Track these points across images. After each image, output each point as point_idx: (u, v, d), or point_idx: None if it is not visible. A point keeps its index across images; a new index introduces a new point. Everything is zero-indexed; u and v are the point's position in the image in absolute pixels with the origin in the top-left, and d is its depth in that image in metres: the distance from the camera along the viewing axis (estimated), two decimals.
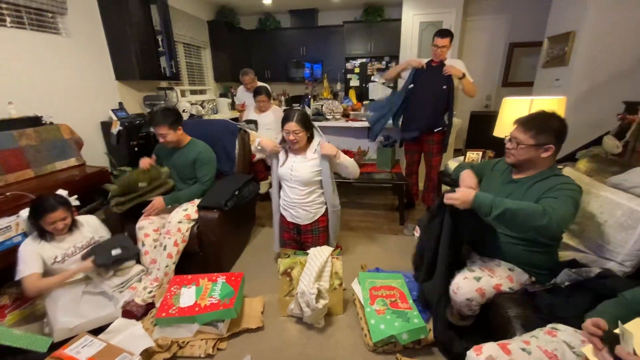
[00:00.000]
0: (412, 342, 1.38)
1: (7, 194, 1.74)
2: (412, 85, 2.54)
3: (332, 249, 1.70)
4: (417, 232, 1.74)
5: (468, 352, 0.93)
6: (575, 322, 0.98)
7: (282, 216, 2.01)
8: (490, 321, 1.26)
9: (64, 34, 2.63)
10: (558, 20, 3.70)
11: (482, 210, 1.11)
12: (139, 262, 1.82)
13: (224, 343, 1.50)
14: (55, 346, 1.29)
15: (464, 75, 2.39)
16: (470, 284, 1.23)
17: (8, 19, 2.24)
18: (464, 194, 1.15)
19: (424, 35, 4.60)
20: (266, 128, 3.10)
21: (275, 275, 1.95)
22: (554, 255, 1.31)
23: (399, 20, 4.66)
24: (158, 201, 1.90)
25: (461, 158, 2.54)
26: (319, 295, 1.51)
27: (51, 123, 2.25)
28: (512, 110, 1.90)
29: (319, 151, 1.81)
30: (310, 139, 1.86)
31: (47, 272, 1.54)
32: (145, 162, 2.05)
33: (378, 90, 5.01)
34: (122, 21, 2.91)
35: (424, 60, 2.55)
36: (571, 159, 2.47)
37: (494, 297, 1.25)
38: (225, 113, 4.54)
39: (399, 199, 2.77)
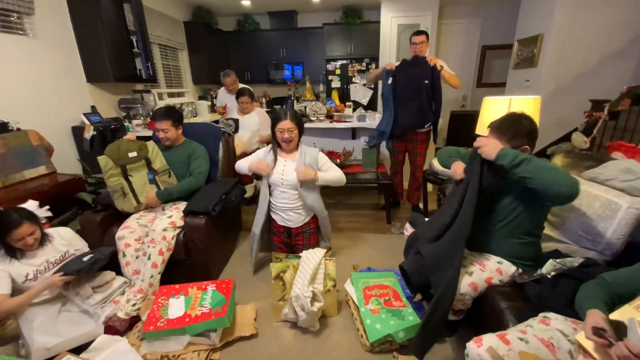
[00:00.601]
0: (407, 339, 1.39)
1: None
2: (390, 81, 2.56)
3: (324, 250, 1.69)
4: (406, 231, 1.77)
5: (468, 344, 0.95)
6: (564, 310, 1.03)
7: (272, 220, 1.98)
8: (482, 313, 1.30)
9: (31, 34, 2.46)
10: (527, 24, 3.91)
11: (508, 157, 1.11)
12: (119, 274, 1.73)
13: (217, 353, 1.45)
14: None
15: (442, 68, 2.45)
16: (464, 279, 1.26)
17: None
18: (492, 140, 1.19)
19: (402, 37, 4.71)
20: (249, 129, 3.04)
21: (265, 280, 1.92)
22: (538, 246, 1.37)
23: (378, 22, 4.75)
24: (152, 196, 1.85)
25: None
26: (314, 298, 1.49)
27: (18, 129, 2.11)
28: (493, 109, 1.97)
29: (304, 159, 1.80)
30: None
31: (18, 291, 1.43)
32: (131, 135, 2.01)
33: (359, 91, 5.09)
34: (93, 21, 2.77)
35: (396, 63, 2.61)
36: (542, 155, 2.61)
37: (485, 290, 1.29)
38: (204, 116, 4.42)
39: (386, 199, 2.81)
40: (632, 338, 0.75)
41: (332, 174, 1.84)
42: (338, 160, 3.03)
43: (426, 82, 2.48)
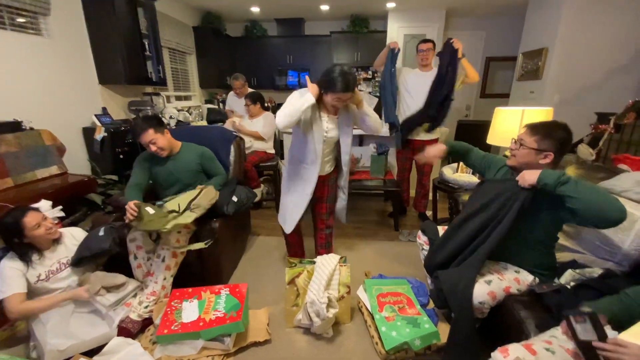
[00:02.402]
0: (424, 347, 1.39)
1: None
2: (393, 69, 2.58)
3: (339, 256, 1.69)
4: (419, 238, 1.77)
5: (493, 354, 0.95)
6: None
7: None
8: (501, 323, 1.30)
9: (46, 35, 2.48)
10: (531, 37, 3.98)
11: (553, 176, 1.10)
12: (130, 275, 1.71)
13: (231, 359, 1.43)
14: None
15: (463, 55, 2.42)
16: (482, 288, 1.26)
17: None
18: (527, 170, 1.20)
19: (408, 47, 4.78)
20: (248, 135, 3.04)
21: (276, 285, 1.92)
22: (553, 256, 1.38)
23: (385, 32, 4.82)
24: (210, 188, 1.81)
25: (454, 165, 2.64)
26: (329, 304, 1.48)
27: (32, 128, 2.11)
28: (505, 120, 2.01)
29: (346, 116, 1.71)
30: None
31: (31, 292, 1.42)
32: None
33: (365, 98, 5.12)
34: (107, 24, 2.80)
35: (409, 70, 2.66)
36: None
37: (503, 299, 1.29)
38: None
39: (394, 206, 2.82)
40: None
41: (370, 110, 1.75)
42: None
43: (435, 92, 2.51)
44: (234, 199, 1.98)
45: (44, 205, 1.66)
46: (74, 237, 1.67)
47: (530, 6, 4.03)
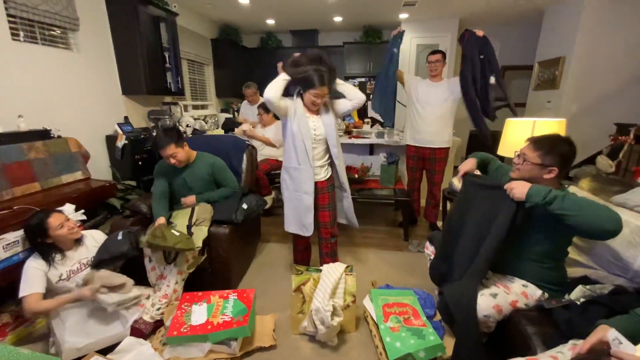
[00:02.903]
0: None
1: (15, 207, 1.71)
2: (395, 51, 2.62)
3: (345, 265, 1.70)
4: (427, 249, 1.77)
5: None
6: None
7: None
8: (507, 338, 1.27)
9: (75, 49, 2.67)
10: (548, 46, 3.92)
11: (540, 194, 1.10)
12: (145, 279, 1.78)
13: None
14: None
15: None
16: (488, 301, 1.25)
17: (22, 33, 2.27)
18: (520, 182, 1.19)
19: (421, 57, 4.80)
20: (259, 143, 3.14)
21: (283, 292, 1.94)
22: (563, 270, 1.35)
23: None
24: (190, 200, 1.90)
25: None
26: (334, 313, 1.50)
27: (59, 136, 2.25)
28: (515, 131, 1.98)
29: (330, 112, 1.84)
30: None
31: (52, 290, 1.50)
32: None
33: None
34: (132, 38, 2.97)
35: (420, 79, 2.68)
36: (565, 177, 2.57)
37: (510, 313, 1.27)
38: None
39: (403, 216, 2.81)
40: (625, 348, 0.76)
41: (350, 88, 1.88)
42: (356, 175, 3.06)
43: (445, 102, 2.51)
44: (244, 206, 2.05)
45: (68, 208, 1.77)
46: (94, 239, 1.76)
47: (546, 14, 3.98)
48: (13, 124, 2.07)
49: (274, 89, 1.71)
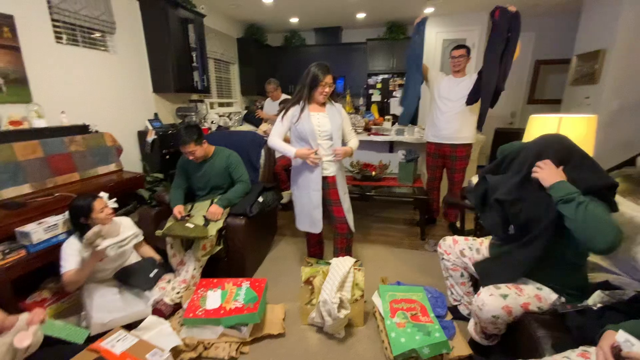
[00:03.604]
0: (432, 356, 1.36)
1: (56, 194, 1.90)
2: (417, 36, 2.56)
3: (354, 260, 1.72)
4: (440, 247, 1.73)
5: None
6: None
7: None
8: (516, 340, 1.24)
9: (112, 51, 2.88)
10: (587, 38, 3.65)
11: (562, 191, 1.09)
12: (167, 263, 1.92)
13: (247, 347, 1.54)
14: (91, 339, 1.38)
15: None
16: (497, 301, 1.21)
17: (64, 36, 2.49)
18: (555, 169, 1.15)
19: (446, 53, 4.64)
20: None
21: (295, 284, 1.99)
22: (583, 274, 1.27)
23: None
24: (215, 208, 1.95)
25: None
26: (341, 305, 1.52)
27: (96, 131, 2.45)
28: (540, 129, 1.89)
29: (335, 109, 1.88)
30: None
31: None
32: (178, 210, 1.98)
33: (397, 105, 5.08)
34: (162, 39, 3.16)
35: (443, 75, 2.61)
36: None
37: (521, 316, 1.23)
38: (249, 125, 4.72)
39: (421, 214, 2.76)
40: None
41: (355, 142, 1.97)
42: (373, 173, 3.05)
43: (467, 99, 2.43)
44: (260, 199, 2.12)
45: (103, 196, 1.93)
46: (124, 225, 1.90)
47: (585, 4, 3.71)
48: (56, 119, 2.29)
49: (278, 149, 1.90)
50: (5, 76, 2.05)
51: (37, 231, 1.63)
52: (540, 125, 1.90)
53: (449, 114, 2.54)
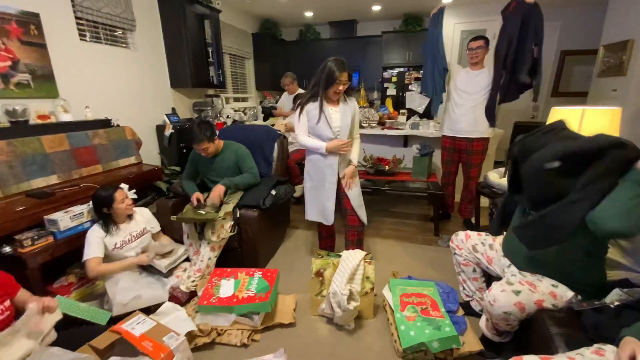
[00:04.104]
0: (443, 351, 1.36)
1: (81, 185, 2.00)
2: (434, 28, 2.53)
3: (365, 253, 1.73)
4: (452, 242, 1.71)
5: None
6: None
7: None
8: (529, 337, 1.21)
9: (132, 47, 2.98)
10: (615, 28, 3.45)
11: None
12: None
13: (259, 335, 1.58)
14: (113, 321, 1.46)
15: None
16: (509, 297, 1.19)
17: (88, 34, 2.60)
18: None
19: (465, 44, 4.50)
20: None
21: (307, 275, 2.02)
22: (600, 271, 1.23)
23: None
24: (219, 188, 2.01)
25: (502, 169, 2.46)
26: (351, 297, 1.54)
27: (118, 125, 2.55)
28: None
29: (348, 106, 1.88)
30: None
31: (107, 257, 1.74)
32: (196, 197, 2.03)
33: (415, 99, 4.99)
34: (179, 35, 3.23)
35: (459, 67, 2.56)
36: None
37: (535, 313, 1.20)
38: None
39: (434, 209, 2.72)
40: None
41: (357, 150, 1.96)
42: (387, 167, 3.03)
43: (484, 93, 2.38)
44: (273, 192, 2.16)
45: (124, 187, 2.02)
46: (142, 215, 1.99)
47: None
48: (81, 114, 2.40)
49: (306, 146, 1.93)
50: (32, 72, 2.16)
51: (64, 219, 1.73)
52: (562, 117, 1.83)
53: (465, 107, 2.48)
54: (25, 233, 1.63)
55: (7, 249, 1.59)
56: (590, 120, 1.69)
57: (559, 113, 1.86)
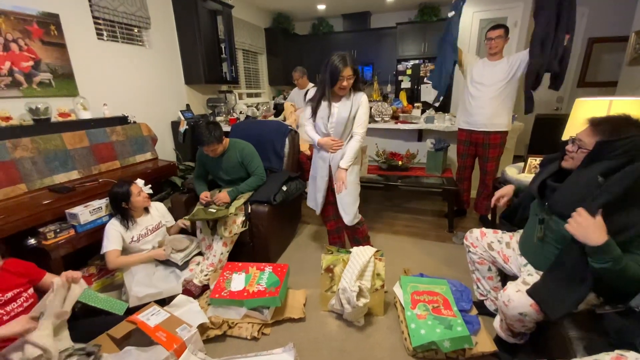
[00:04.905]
0: (455, 351, 1.33)
1: (100, 180, 2.07)
2: (452, 13, 2.40)
3: (375, 249, 1.71)
4: (466, 240, 1.66)
5: None
6: None
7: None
8: (547, 340, 1.17)
9: (147, 45, 3.04)
10: None
11: (608, 254, 0.95)
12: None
13: (269, 329, 1.60)
14: (129, 311, 1.51)
15: None
16: (524, 298, 1.14)
17: (105, 33, 2.66)
18: (594, 223, 0.96)
19: (484, 34, 4.33)
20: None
21: (317, 271, 2.01)
22: None
23: None
24: (224, 195, 2.04)
25: (521, 164, 2.36)
26: (360, 294, 1.53)
27: (134, 122, 2.62)
28: (586, 113, 1.71)
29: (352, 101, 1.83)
30: None
31: (125, 249, 1.81)
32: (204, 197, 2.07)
33: (431, 91, 4.85)
34: (192, 31, 3.26)
35: (476, 57, 2.47)
36: None
37: None
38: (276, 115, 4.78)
39: (449, 206, 2.65)
40: None
41: (351, 151, 1.85)
42: (400, 162, 2.97)
43: (503, 83, 2.28)
44: (284, 188, 2.16)
45: (140, 182, 2.08)
46: (157, 210, 2.05)
47: None
48: (99, 111, 2.48)
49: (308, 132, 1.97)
50: (54, 71, 2.24)
51: (84, 213, 1.80)
52: (587, 109, 1.74)
53: (482, 99, 2.39)
54: (48, 226, 1.71)
55: (32, 241, 1.67)
56: (618, 112, 1.58)
57: (584, 105, 1.76)
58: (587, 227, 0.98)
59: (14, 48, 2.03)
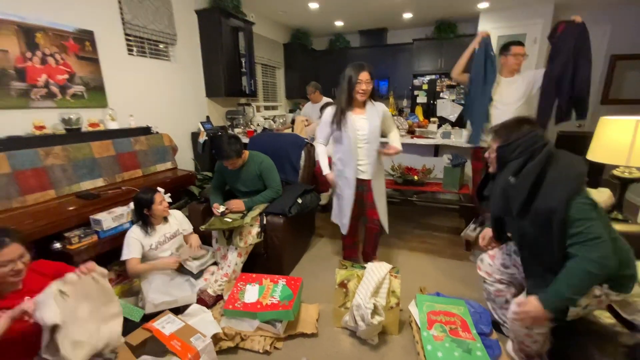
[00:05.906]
0: None
1: (123, 188, 2.15)
2: (490, 63, 2.36)
3: (390, 266, 1.68)
4: (479, 270, 1.59)
5: None
6: None
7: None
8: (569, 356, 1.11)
9: (173, 60, 3.18)
10: None
11: (556, 304, 1.03)
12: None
13: (281, 343, 1.58)
14: (145, 318, 1.54)
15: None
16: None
17: (135, 49, 2.81)
18: (530, 306, 1.04)
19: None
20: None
21: (330, 285, 1.99)
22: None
23: (474, 35, 4.45)
24: (239, 201, 2.08)
25: None
26: (375, 311, 1.50)
27: (157, 132, 2.72)
28: (612, 132, 1.67)
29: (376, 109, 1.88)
30: None
31: (143, 256, 1.84)
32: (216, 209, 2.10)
33: (447, 107, 4.84)
34: (216, 47, 3.40)
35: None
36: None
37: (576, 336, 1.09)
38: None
39: (466, 223, 2.59)
40: None
41: (396, 137, 1.98)
42: (416, 177, 2.95)
43: (521, 101, 2.26)
44: (299, 200, 2.17)
45: (161, 191, 2.15)
46: (175, 218, 2.09)
47: None
48: (126, 122, 2.59)
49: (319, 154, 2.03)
50: (86, 84, 2.38)
51: (107, 219, 1.86)
52: (613, 129, 1.69)
53: (500, 118, 2.34)
54: (73, 231, 1.78)
55: (58, 245, 1.74)
56: None
57: (610, 124, 1.71)
58: (526, 314, 1.05)
59: (50, 62, 2.17)
